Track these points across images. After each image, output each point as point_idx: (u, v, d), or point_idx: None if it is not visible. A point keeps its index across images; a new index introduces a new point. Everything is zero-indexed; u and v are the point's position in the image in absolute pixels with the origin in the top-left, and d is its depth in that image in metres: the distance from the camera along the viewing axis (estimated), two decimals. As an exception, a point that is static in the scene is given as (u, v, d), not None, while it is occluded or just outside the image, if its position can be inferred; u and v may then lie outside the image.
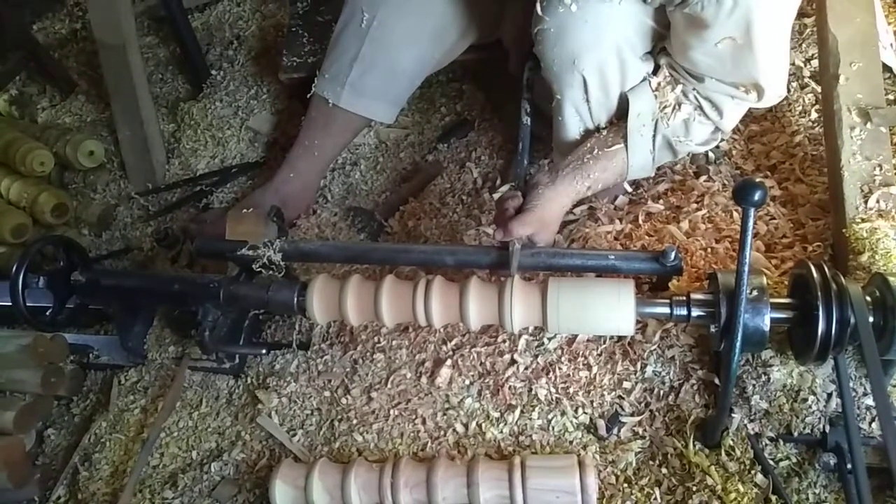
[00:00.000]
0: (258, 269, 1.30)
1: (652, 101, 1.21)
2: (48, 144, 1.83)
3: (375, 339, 1.37)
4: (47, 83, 2.13)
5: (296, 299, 1.25)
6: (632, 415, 1.19)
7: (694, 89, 1.19)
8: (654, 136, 1.23)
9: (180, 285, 1.34)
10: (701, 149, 1.27)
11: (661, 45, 1.22)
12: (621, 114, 1.25)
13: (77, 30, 2.25)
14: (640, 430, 1.18)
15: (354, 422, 1.28)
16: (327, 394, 1.33)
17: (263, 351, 1.39)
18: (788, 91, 1.44)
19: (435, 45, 1.53)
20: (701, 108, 1.20)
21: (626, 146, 1.23)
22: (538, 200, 1.19)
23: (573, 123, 1.29)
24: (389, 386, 1.30)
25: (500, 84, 1.81)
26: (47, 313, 1.43)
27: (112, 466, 1.34)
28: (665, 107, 1.21)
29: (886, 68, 1.45)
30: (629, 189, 1.41)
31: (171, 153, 1.89)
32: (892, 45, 1.51)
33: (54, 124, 2.02)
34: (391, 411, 1.27)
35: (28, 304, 1.38)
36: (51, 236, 1.55)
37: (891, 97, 1.44)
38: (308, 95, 1.58)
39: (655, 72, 1.23)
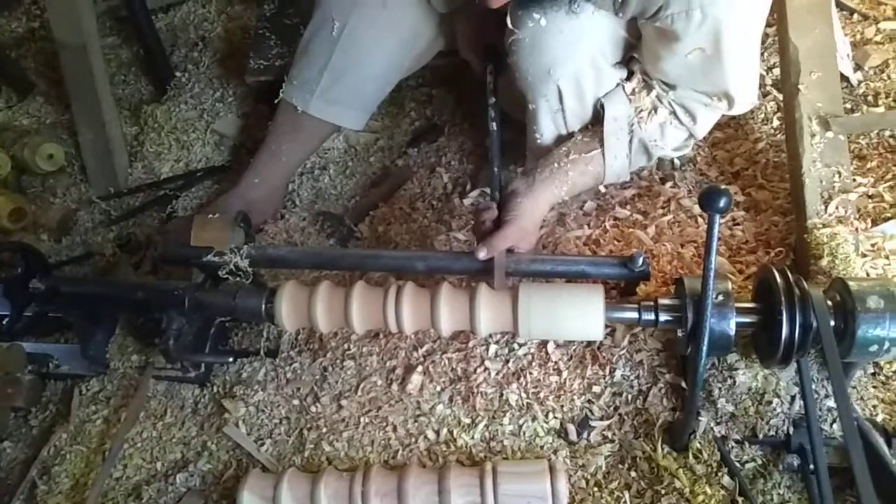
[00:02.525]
0: (224, 276, 1.28)
1: (627, 105, 1.23)
2: (5, 147, 1.78)
3: (345, 345, 1.35)
4: (3, 83, 2.07)
5: (264, 306, 1.23)
6: (601, 419, 1.20)
7: (667, 94, 1.22)
8: (631, 139, 1.25)
9: (144, 292, 1.31)
10: (674, 154, 1.30)
11: (633, 54, 1.24)
12: (595, 120, 1.27)
13: (35, 29, 2.19)
14: (610, 434, 1.19)
15: (324, 430, 1.26)
16: (296, 402, 1.31)
17: (230, 359, 1.36)
18: (751, 99, 1.47)
19: (405, 53, 1.53)
20: (675, 113, 1.23)
21: (603, 150, 1.24)
22: (517, 210, 1.20)
23: (548, 131, 1.31)
24: (360, 393, 1.29)
25: (470, 89, 1.81)
26: (4, 322, 1.38)
27: (73, 479, 1.30)
28: (641, 111, 1.23)
29: (843, 78, 1.49)
30: (603, 189, 1.43)
31: (133, 156, 1.85)
32: (848, 55, 1.56)
33: (11, 126, 1.96)
34: (362, 419, 1.26)
35: (-17, 313, 1.34)
36: (8, 242, 1.50)
37: (848, 105, 1.48)
38: (276, 101, 1.56)
39: (629, 78, 1.24)
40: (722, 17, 1.08)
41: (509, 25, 1.19)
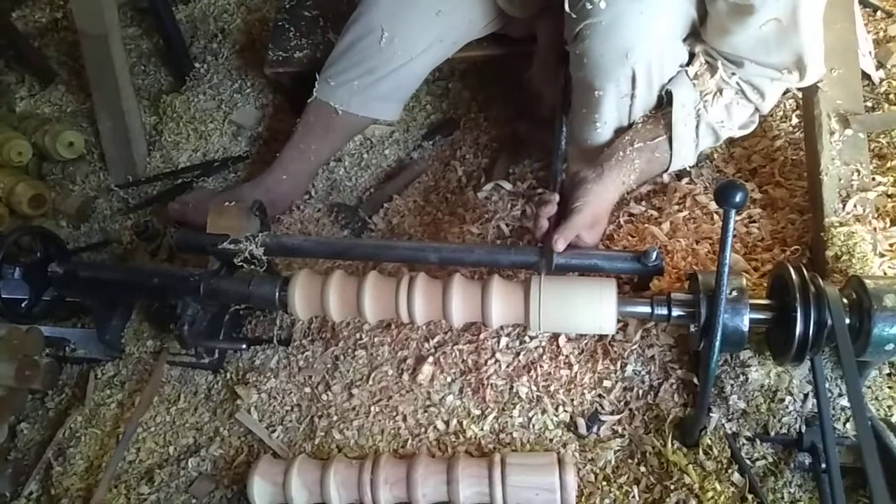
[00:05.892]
0: (239, 264, 1.29)
1: (692, 90, 1.20)
2: (26, 134, 1.81)
3: (357, 335, 1.36)
4: (26, 72, 2.10)
5: (277, 294, 1.24)
6: (611, 413, 1.20)
7: (733, 74, 1.19)
8: (698, 124, 1.22)
9: (160, 279, 1.32)
10: (741, 132, 1.26)
11: (694, 36, 1.22)
12: (656, 106, 1.25)
13: (58, 19, 2.22)
14: (620, 429, 1.19)
15: (335, 418, 1.27)
16: (308, 390, 1.32)
17: (243, 346, 1.37)
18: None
19: (451, 50, 1.55)
20: (742, 91, 1.20)
21: (670, 136, 1.21)
22: (588, 197, 1.19)
23: (610, 121, 1.26)
24: (371, 383, 1.30)
25: (486, 83, 1.82)
26: (23, 305, 1.41)
27: (87, 461, 1.33)
28: (706, 94, 1.20)
29: (865, 75, 1.47)
30: (667, 179, 1.42)
31: (152, 146, 1.87)
32: (870, 52, 1.54)
33: (33, 114, 1.99)
34: (372, 408, 1.27)
35: (3, 296, 1.36)
36: (28, 227, 1.53)
37: (869, 104, 1.46)
38: (309, 101, 1.56)
39: (689, 61, 1.22)
40: None
41: (567, 10, 1.15)
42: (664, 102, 1.23)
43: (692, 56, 1.22)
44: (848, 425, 1.10)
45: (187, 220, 1.59)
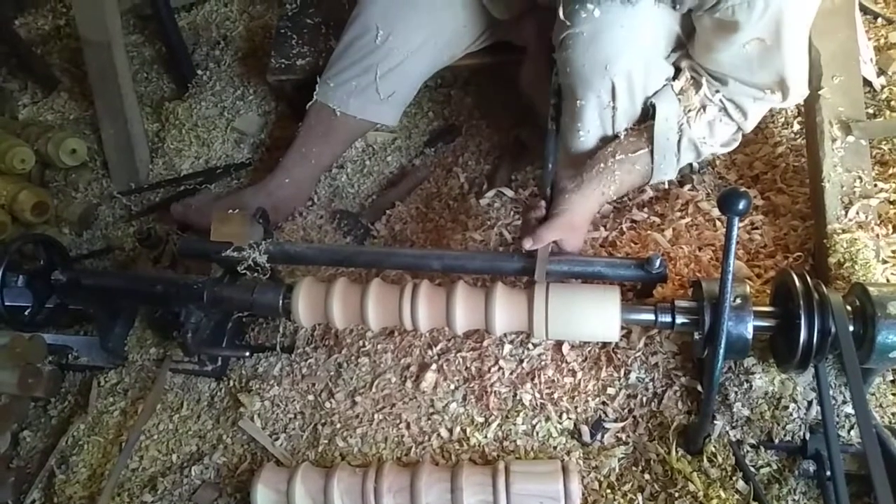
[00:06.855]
0: (243, 271, 1.29)
1: (677, 105, 1.21)
2: (29, 142, 1.81)
3: (360, 342, 1.36)
4: (29, 79, 2.10)
5: (281, 302, 1.24)
6: (615, 421, 1.20)
7: (717, 91, 1.20)
8: (680, 139, 1.23)
9: (163, 286, 1.33)
10: (723, 150, 1.27)
11: (681, 51, 1.23)
12: (642, 118, 1.26)
13: (61, 26, 2.22)
14: (624, 436, 1.18)
15: (338, 426, 1.27)
16: (311, 397, 1.32)
17: (247, 353, 1.38)
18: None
19: (448, 52, 1.56)
20: (725, 109, 1.21)
21: (652, 150, 1.22)
22: (566, 205, 1.20)
23: (593, 130, 1.27)
24: (374, 390, 1.30)
25: (488, 90, 1.82)
26: (26, 313, 1.41)
27: (90, 469, 1.32)
28: (690, 110, 1.21)
29: (866, 82, 1.48)
30: (651, 192, 1.43)
31: (154, 153, 1.88)
32: (871, 59, 1.54)
33: (36, 121, 1.99)
34: (375, 416, 1.27)
35: (6, 304, 1.36)
36: (31, 235, 1.53)
37: (871, 111, 1.47)
38: (309, 105, 1.57)
39: (675, 76, 1.23)
40: (784, 5, 1.06)
41: (561, 17, 1.17)
42: (649, 114, 1.24)
43: (679, 70, 1.23)
44: (852, 432, 1.10)
45: (189, 222, 1.59)
